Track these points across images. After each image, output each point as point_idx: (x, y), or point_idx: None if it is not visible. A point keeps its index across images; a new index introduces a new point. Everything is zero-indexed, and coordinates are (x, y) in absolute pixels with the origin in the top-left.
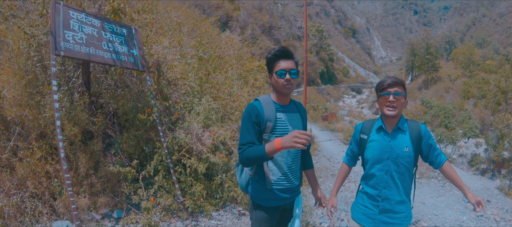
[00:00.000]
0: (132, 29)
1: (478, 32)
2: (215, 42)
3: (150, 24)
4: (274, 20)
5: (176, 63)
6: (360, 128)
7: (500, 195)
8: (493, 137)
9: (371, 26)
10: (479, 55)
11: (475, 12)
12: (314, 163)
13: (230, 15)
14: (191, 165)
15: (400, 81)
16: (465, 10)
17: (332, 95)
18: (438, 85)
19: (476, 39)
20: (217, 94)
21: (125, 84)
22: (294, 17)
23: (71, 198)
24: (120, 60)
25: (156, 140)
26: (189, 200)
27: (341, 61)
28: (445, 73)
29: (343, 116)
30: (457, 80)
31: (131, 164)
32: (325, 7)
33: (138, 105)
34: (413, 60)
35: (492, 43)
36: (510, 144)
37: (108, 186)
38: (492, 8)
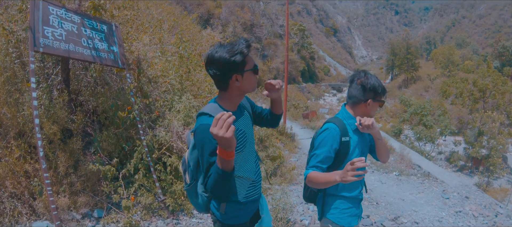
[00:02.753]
0: (113, 26)
1: (458, 33)
2: (196, 40)
3: (130, 21)
4: (256, 18)
5: (157, 60)
6: (339, 132)
7: (478, 191)
8: (471, 135)
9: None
10: (458, 56)
11: (455, 13)
12: (294, 161)
13: (212, 12)
14: (171, 163)
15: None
16: (445, 11)
17: (313, 93)
18: (418, 84)
19: (456, 39)
20: (198, 92)
21: (105, 81)
22: (276, 16)
23: (50, 197)
24: (100, 57)
25: (136, 138)
26: (170, 198)
27: (322, 59)
28: (424, 73)
29: (323, 114)
30: (436, 79)
31: (111, 162)
32: (307, 6)
33: (118, 103)
34: (394, 59)
35: (471, 44)
36: (488, 141)
37: (88, 185)
38: (472, 9)
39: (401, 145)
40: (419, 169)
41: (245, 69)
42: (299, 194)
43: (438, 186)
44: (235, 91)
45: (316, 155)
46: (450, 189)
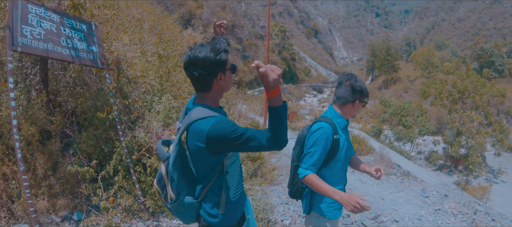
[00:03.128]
0: (92, 25)
1: (437, 35)
2: (176, 40)
3: (111, 20)
4: (237, 19)
5: (137, 60)
6: (332, 131)
7: (457, 190)
8: (450, 135)
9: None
10: (437, 57)
11: (435, 16)
12: (275, 162)
13: (193, 12)
14: (151, 164)
15: None
16: (425, 14)
17: (293, 94)
18: (398, 85)
19: (435, 41)
20: (178, 93)
21: (84, 81)
22: (257, 17)
23: (29, 200)
24: (79, 57)
25: (116, 139)
26: (150, 200)
27: (303, 61)
28: (404, 74)
29: (304, 115)
30: (415, 80)
31: (90, 164)
32: (288, 7)
33: (97, 104)
34: (374, 61)
35: (450, 46)
36: (466, 141)
37: (67, 188)
38: (451, 12)
39: (381, 145)
40: (399, 169)
41: (226, 68)
42: (279, 194)
43: (418, 185)
44: (218, 91)
45: (311, 154)
46: (430, 188)
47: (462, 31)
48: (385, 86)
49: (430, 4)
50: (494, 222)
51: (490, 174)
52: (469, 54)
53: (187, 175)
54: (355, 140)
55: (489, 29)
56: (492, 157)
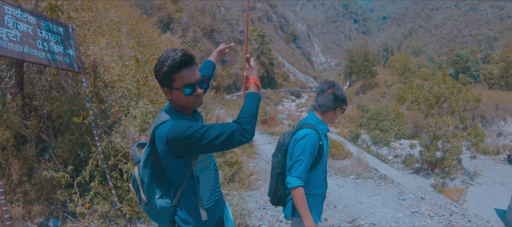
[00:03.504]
0: (69, 28)
1: (414, 41)
2: (155, 44)
3: (88, 23)
4: (217, 23)
5: (114, 64)
6: (317, 137)
7: (433, 192)
8: (427, 138)
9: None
10: (414, 63)
11: (412, 23)
12: (252, 167)
13: (172, 16)
14: (127, 170)
15: None
16: (403, 20)
17: (271, 99)
18: (375, 90)
19: (412, 48)
20: (155, 98)
21: (60, 85)
22: (237, 21)
23: (4, 207)
24: (55, 61)
25: (92, 144)
26: (126, 206)
27: (282, 66)
28: (381, 79)
29: (282, 119)
30: (393, 85)
31: (66, 169)
32: (268, 13)
33: (73, 108)
34: (352, 66)
35: (427, 52)
36: (442, 145)
37: (43, 194)
38: (428, 19)
39: (358, 149)
40: (376, 172)
41: (173, 86)
42: (257, 199)
43: (395, 188)
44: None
45: (301, 162)
46: (406, 191)
47: (438, 37)
48: (362, 91)
49: (408, 11)
50: (470, 223)
51: (466, 177)
52: (445, 60)
53: (159, 178)
54: (333, 145)
55: (464, 36)
56: (468, 160)
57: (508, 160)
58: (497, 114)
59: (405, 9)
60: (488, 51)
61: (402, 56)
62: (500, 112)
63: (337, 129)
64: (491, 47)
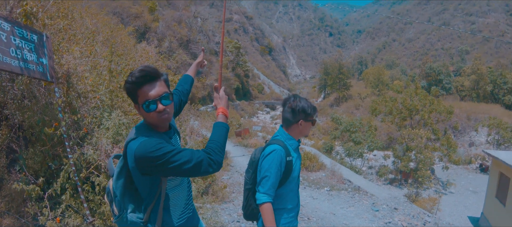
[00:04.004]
0: (43, 36)
1: (388, 54)
2: (130, 54)
3: (63, 30)
4: (193, 34)
5: (87, 74)
6: (284, 153)
7: (407, 202)
8: (400, 150)
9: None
10: (388, 76)
11: (386, 37)
12: (226, 179)
13: (149, 26)
14: (100, 183)
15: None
16: (377, 34)
17: (246, 111)
18: (349, 102)
19: (386, 61)
20: (128, 109)
21: (33, 94)
22: (213, 33)
23: None
24: (28, 69)
25: (63, 156)
26: (98, 220)
27: (257, 77)
28: (356, 92)
29: (256, 132)
30: (366, 98)
31: (37, 181)
32: (244, 25)
33: (45, 118)
34: (326, 79)
35: (400, 65)
36: (415, 156)
37: (13, 206)
38: (402, 33)
39: (332, 161)
40: (350, 184)
41: (138, 102)
42: (230, 212)
43: (368, 199)
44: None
45: (268, 178)
46: (380, 202)
47: (411, 51)
48: (337, 103)
49: (382, 25)
50: None
51: (439, 186)
52: (418, 72)
53: (131, 192)
54: (307, 157)
55: (437, 50)
56: (440, 170)
57: (480, 169)
58: (469, 125)
59: (379, 23)
60: (460, 64)
61: (376, 69)
62: (472, 123)
63: (311, 141)
64: (462, 60)
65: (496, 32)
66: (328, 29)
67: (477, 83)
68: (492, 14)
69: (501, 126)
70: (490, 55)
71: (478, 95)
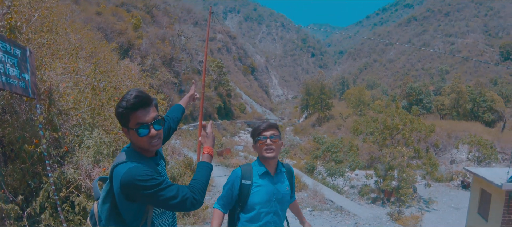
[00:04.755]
0: (27, 51)
1: (369, 75)
2: (113, 71)
3: (47, 45)
4: (176, 52)
5: (69, 91)
6: (240, 174)
7: (389, 221)
8: (382, 169)
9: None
10: (369, 96)
11: (368, 58)
12: (208, 199)
13: (132, 42)
14: (80, 203)
15: (274, 124)
16: (359, 55)
17: (228, 130)
18: (331, 122)
19: (367, 81)
20: (110, 128)
21: (14, 109)
22: (196, 51)
23: None
24: (10, 84)
25: (43, 174)
26: None
27: (239, 97)
28: (337, 112)
29: (238, 151)
30: (348, 118)
31: (16, 200)
32: (227, 44)
33: (25, 135)
34: (308, 99)
35: (381, 85)
36: (398, 174)
37: None
38: (383, 54)
39: (314, 181)
40: (332, 204)
41: (129, 126)
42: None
43: (351, 219)
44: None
45: (221, 193)
46: (362, 221)
47: (392, 71)
48: (318, 123)
49: (363, 46)
50: None
51: (421, 204)
52: (399, 92)
53: (117, 217)
54: None
55: (417, 70)
56: (422, 188)
57: (461, 185)
58: (450, 143)
59: (361, 44)
60: (440, 84)
61: (357, 89)
62: (452, 141)
63: (293, 161)
64: (442, 79)
65: (475, 51)
66: (310, 49)
67: (457, 102)
68: (471, 35)
69: (481, 143)
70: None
71: (458, 113)
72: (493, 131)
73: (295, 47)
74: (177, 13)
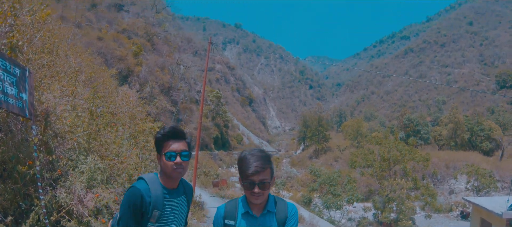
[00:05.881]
0: (26, 71)
1: (367, 107)
2: (111, 96)
3: (46, 66)
4: (175, 81)
5: (67, 114)
6: (223, 213)
7: None
8: (380, 201)
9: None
10: (366, 128)
11: (365, 89)
12: None
13: (132, 69)
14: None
15: (265, 164)
16: (356, 87)
17: (224, 161)
18: (328, 154)
19: (365, 113)
20: (105, 154)
21: (9, 128)
22: (194, 81)
23: None
24: (7, 103)
25: (35, 196)
26: None
27: (236, 128)
28: (335, 144)
29: (234, 183)
30: (345, 150)
31: (5, 220)
32: (226, 75)
33: (19, 155)
34: (305, 131)
35: (379, 117)
36: (397, 206)
37: None
38: (380, 86)
39: (310, 214)
40: None
41: (161, 152)
42: None
43: None
44: (162, 170)
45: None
46: None
47: (390, 103)
48: (316, 155)
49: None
50: None
51: None
52: (397, 124)
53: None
54: None
55: (415, 101)
56: (422, 219)
57: (461, 216)
58: (448, 173)
59: (358, 77)
60: (437, 114)
61: (355, 121)
62: (451, 171)
63: (289, 193)
64: (440, 110)
65: (472, 81)
66: (308, 81)
67: (454, 132)
68: (467, 64)
69: (479, 172)
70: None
71: (456, 143)
72: (491, 160)
73: (293, 79)
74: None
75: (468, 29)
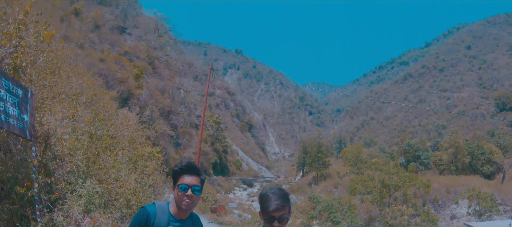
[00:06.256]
0: (29, 92)
1: (367, 133)
2: (111, 119)
3: (48, 87)
4: (175, 105)
5: (67, 136)
6: None
7: None
8: None
9: (268, 122)
10: (366, 154)
11: (365, 115)
12: None
13: (132, 92)
14: None
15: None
16: (356, 113)
17: (223, 186)
18: (328, 181)
19: (365, 139)
20: (103, 177)
21: (9, 148)
22: (194, 105)
23: None
24: (8, 123)
25: (32, 218)
26: None
27: (235, 153)
28: (334, 170)
29: (232, 209)
30: (345, 176)
31: None
32: (226, 100)
33: (18, 176)
34: (305, 157)
35: (379, 143)
36: None
37: None
38: (379, 112)
39: None
40: None
41: (176, 183)
42: None
43: None
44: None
45: None
46: None
47: (389, 128)
48: (315, 182)
49: (361, 104)
50: None
51: None
52: (397, 150)
53: None
54: None
55: (414, 126)
56: None
57: None
58: (449, 198)
59: (358, 103)
60: (437, 139)
61: (355, 147)
62: (452, 196)
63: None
64: (439, 135)
65: (471, 105)
66: (308, 108)
67: (455, 156)
68: (466, 88)
69: (480, 196)
70: (466, 128)
71: (457, 168)
72: (492, 183)
73: (293, 105)
74: (178, 66)
75: (466, 53)
